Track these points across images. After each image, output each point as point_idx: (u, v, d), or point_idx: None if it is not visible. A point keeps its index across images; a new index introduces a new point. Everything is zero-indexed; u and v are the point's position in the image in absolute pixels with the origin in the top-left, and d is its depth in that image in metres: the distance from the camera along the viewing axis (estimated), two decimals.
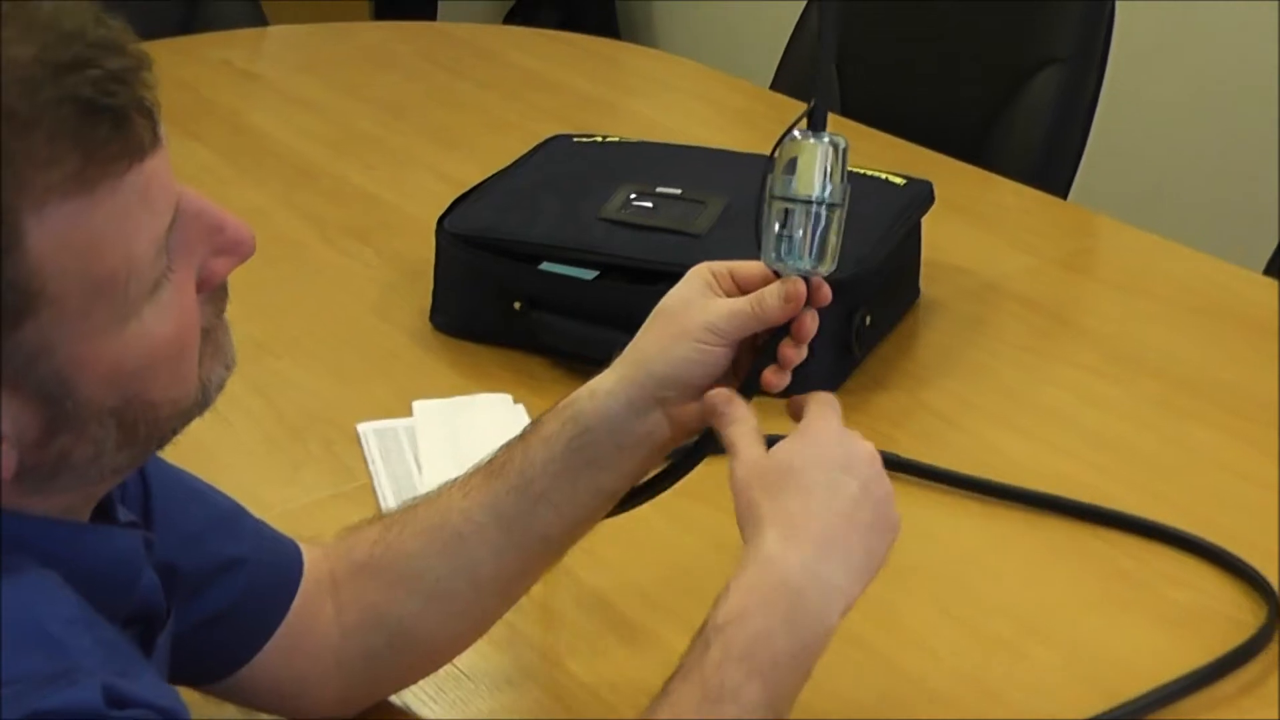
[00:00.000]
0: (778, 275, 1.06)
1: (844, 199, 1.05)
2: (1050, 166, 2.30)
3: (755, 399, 1.07)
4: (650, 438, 1.08)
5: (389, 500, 1.44)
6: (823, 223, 1.04)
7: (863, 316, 1.60)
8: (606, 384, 1.08)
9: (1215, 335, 1.77)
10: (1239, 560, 1.34)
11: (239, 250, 0.87)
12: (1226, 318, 1.81)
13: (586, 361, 1.56)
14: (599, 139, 1.92)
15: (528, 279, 1.65)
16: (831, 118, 1.06)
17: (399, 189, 2.09)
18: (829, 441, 1.01)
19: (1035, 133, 2.31)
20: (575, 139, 1.92)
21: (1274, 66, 3.01)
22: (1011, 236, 2.03)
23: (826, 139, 1.04)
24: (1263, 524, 1.40)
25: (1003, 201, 2.14)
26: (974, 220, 2.03)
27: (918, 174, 1.81)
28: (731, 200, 1.69)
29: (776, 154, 1.05)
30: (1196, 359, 1.71)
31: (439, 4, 4.38)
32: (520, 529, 1.09)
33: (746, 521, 0.99)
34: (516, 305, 1.65)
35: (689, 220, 1.66)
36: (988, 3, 2.40)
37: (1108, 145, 2.58)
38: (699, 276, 1.08)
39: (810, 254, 1.05)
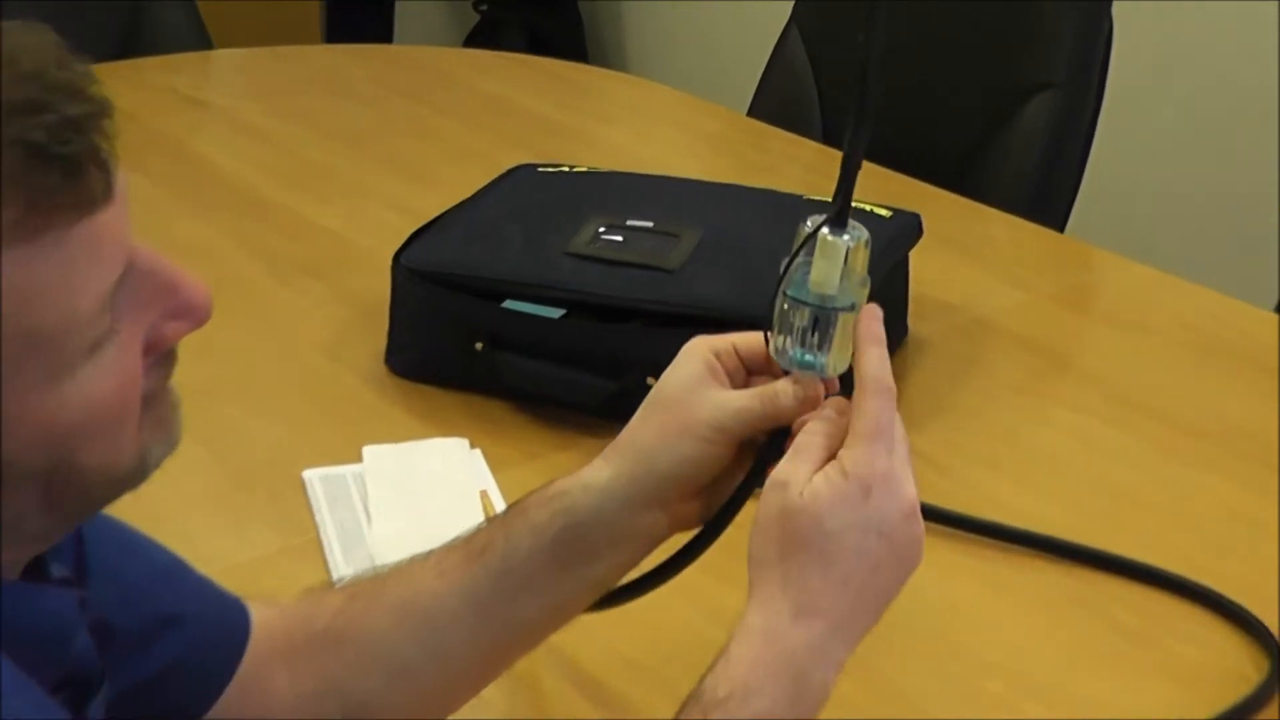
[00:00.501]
0: (785, 371, 1.03)
1: (863, 298, 1.01)
2: (1045, 197, 2.30)
3: None
4: (646, 533, 1.06)
5: (336, 551, 1.41)
6: (838, 324, 1.01)
7: None
8: (601, 478, 1.05)
9: (1220, 375, 1.77)
10: (1241, 609, 1.34)
11: (193, 315, 0.85)
12: (1231, 356, 1.81)
13: (551, 404, 1.62)
14: (566, 168, 1.92)
15: (490, 317, 1.62)
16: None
17: (354, 222, 2.08)
18: (873, 489, 0.96)
19: (1029, 161, 2.31)
20: (541, 169, 1.91)
21: (1278, 93, 3.03)
22: (1004, 271, 2.03)
23: (846, 236, 1.00)
24: (1270, 574, 1.39)
25: (994, 234, 2.14)
26: (964, 254, 2.02)
27: (905, 205, 1.80)
28: (706, 233, 1.68)
29: (795, 247, 1.00)
30: (1200, 400, 1.70)
31: (395, 25, 4.39)
32: (499, 616, 1.07)
33: (759, 563, 0.96)
34: (478, 345, 1.62)
35: (662, 254, 1.64)
36: (977, 25, 2.41)
37: (1106, 175, 2.59)
38: (699, 357, 1.05)
39: (825, 354, 1.01)
